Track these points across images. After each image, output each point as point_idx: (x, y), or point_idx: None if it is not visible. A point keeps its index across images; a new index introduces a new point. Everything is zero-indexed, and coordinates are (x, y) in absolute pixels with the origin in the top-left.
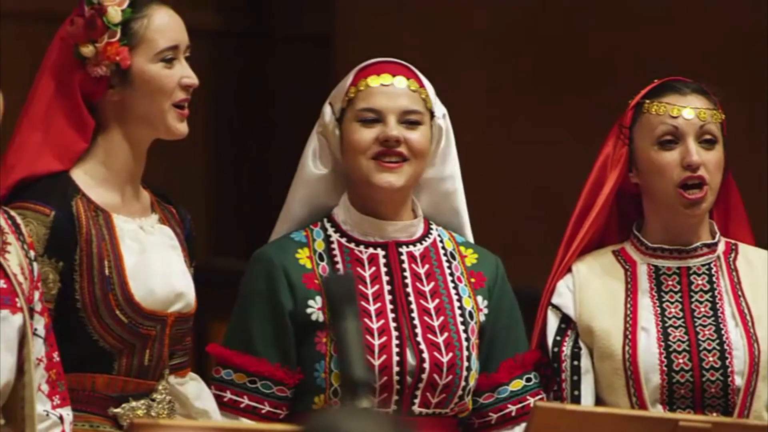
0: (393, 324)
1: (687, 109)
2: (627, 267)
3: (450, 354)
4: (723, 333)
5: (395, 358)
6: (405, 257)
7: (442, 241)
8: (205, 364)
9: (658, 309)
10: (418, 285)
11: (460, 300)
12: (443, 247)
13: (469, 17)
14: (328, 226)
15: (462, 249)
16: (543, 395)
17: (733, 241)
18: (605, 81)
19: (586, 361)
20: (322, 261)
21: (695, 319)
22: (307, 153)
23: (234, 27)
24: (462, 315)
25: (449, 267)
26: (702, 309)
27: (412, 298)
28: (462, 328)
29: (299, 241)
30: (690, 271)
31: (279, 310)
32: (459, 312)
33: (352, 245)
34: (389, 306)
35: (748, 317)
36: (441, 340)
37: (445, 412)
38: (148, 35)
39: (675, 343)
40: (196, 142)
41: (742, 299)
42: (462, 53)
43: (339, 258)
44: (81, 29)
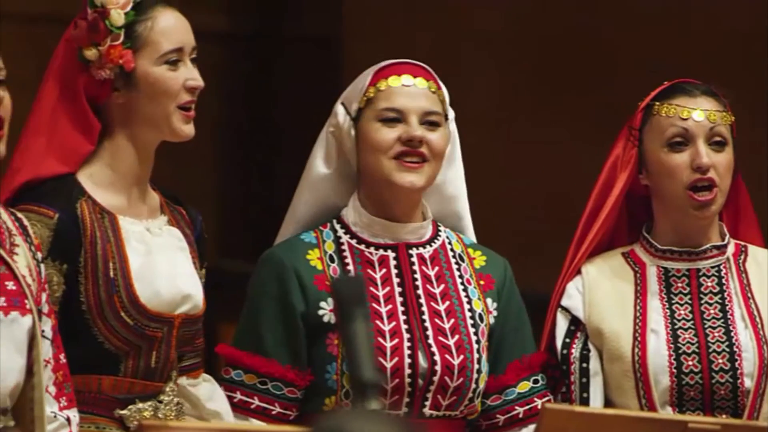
0: (404, 326)
1: (697, 111)
2: (636, 269)
3: (461, 356)
4: (732, 335)
5: (407, 360)
6: (415, 259)
7: (450, 243)
8: (214, 364)
9: (667, 311)
10: (428, 287)
11: (470, 302)
12: (452, 249)
13: (478, 18)
14: (337, 227)
15: (470, 251)
16: (550, 397)
17: (743, 243)
18: (606, 81)
19: (595, 363)
20: (332, 262)
21: (705, 321)
22: (316, 154)
23: (242, 29)
24: (472, 317)
25: (458, 269)
26: (711, 311)
27: (422, 300)
28: (472, 330)
29: (309, 243)
30: (699, 273)
31: (290, 311)
32: (469, 314)
33: (362, 247)
34: (400, 308)
35: (757, 319)
36: (452, 342)
37: (455, 414)
38: (151, 38)
39: (684, 345)
40: (203, 144)
41: (751, 301)
42: (471, 54)
43: (350, 259)
44: (84, 32)
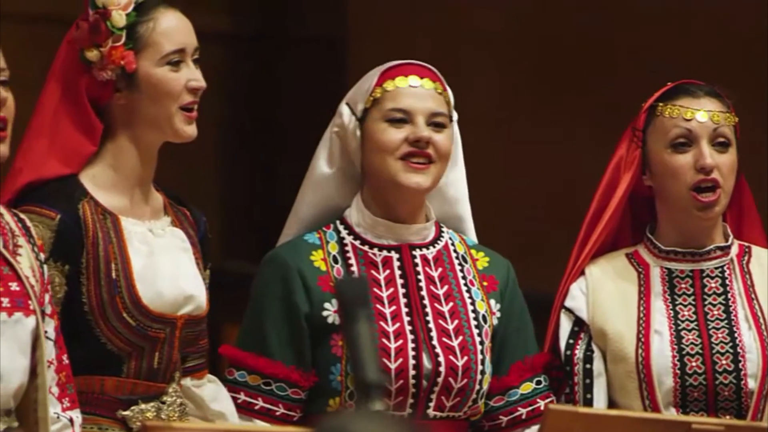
0: (408, 327)
1: (700, 112)
2: (640, 270)
3: (465, 357)
4: (736, 336)
5: (411, 361)
6: (419, 260)
7: (453, 245)
8: (218, 365)
9: (671, 312)
10: (432, 288)
11: (473, 303)
12: (455, 251)
13: (478, 18)
14: (341, 228)
15: (473, 252)
16: (553, 398)
17: (746, 244)
18: (606, 81)
19: (598, 364)
20: (336, 263)
21: (708, 322)
22: (319, 154)
23: (245, 30)
24: (476, 318)
25: (461, 270)
26: (715, 312)
27: (426, 301)
28: (476, 331)
29: (313, 243)
30: (703, 274)
31: (294, 312)
32: (473, 315)
33: (365, 248)
34: (404, 309)
35: (761, 320)
36: (456, 343)
37: (459, 415)
38: (153, 39)
39: (688, 346)
40: (207, 145)
41: (755, 302)
42: (471, 54)
43: (353, 260)
44: (85, 33)
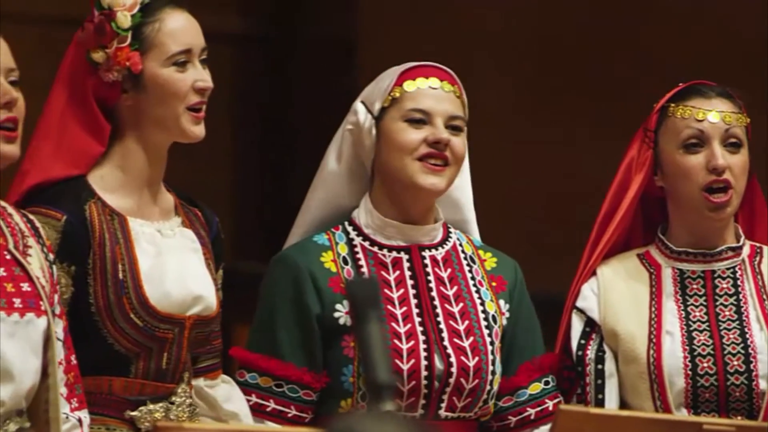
0: (420, 328)
1: (712, 113)
2: (652, 270)
3: (476, 358)
4: (747, 337)
5: (423, 362)
6: (428, 261)
7: (461, 245)
8: (228, 366)
9: (682, 312)
10: (442, 289)
11: (483, 304)
12: (463, 251)
13: (478, 18)
14: (350, 229)
15: (481, 253)
16: (561, 398)
17: (758, 245)
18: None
19: (610, 365)
20: (346, 264)
21: (720, 323)
22: (330, 151)
23: (256, 31)
24: (486, 319)
25: (470, 271)
26: (727, 312)
27: (437, 302)
28: (486, 332)
29: (322, 245)
30: (715, 275)
31: (306, 313)
32: (483, 316)
33: (375, 249)
34: (415, 310)
35: None
36: (467, 344)
37: (470, 415)
38: (159, 39)
39: (699, 347)
40: (218, 145)
41: (766, 302)
42: (470, 54)
43: (363, 261)
44: (91, 35)
